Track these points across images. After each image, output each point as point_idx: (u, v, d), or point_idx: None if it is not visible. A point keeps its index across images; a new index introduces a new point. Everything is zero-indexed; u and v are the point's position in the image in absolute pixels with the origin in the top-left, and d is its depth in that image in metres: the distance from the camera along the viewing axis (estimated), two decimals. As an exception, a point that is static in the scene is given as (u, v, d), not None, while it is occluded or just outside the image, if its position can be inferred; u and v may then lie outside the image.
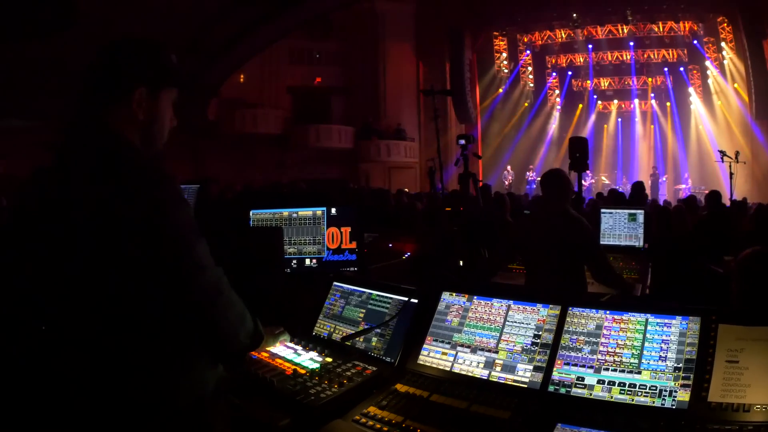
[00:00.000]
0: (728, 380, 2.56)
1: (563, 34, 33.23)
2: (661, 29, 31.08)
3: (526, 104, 35.71)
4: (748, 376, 2.54)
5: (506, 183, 31.48)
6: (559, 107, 35.46)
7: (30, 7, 17.28)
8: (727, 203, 14.07)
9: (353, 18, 32.33)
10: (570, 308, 3.11)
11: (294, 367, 3.33)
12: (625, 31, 31.43)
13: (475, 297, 3.42)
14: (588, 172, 30.79)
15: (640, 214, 8.21)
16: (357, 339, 3.65)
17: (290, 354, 3.52)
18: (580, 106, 34.48)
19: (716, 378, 2.59)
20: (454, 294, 3.51)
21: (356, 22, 32.55)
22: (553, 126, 35.14)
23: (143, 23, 18.44)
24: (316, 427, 2.81)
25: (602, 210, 8.44)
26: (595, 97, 34.28)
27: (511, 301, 3.29)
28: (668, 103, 32.17)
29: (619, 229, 8.20)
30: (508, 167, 32.77)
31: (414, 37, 33.49)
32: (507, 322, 3.23)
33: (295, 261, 5.07)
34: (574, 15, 30.42)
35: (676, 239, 8.83)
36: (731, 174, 15.22)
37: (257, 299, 4.21)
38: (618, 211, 8.37)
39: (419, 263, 8.12)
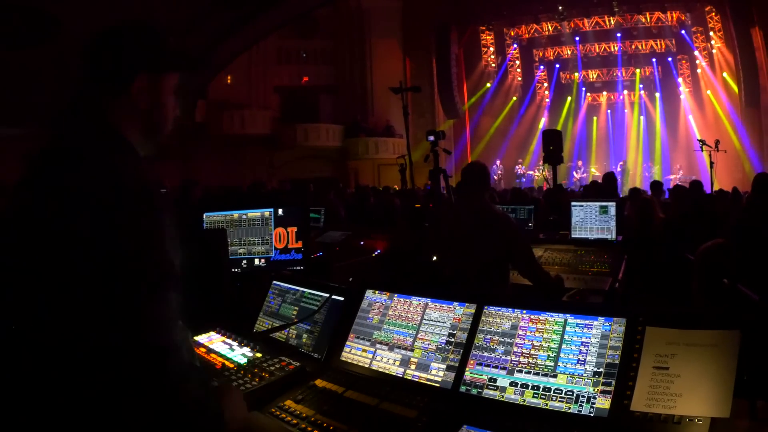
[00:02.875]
0: (655, 388, 2.40)
1: (550, 27, 33.29)
2: (649, 20, 31.10)
3: (515, 98, 35.65)
4: (680, 384, 2.36)
5: (496, 178, 31.49)
6: (548, 100, 35.39)
7: (11, 18, 17.31)
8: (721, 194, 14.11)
9: (339, 16, 32.42)
10: (486, 307, 3.05)
11: (224, 361, 3.43)
12: (612, 22, 31.44)
13: (396, 295, 3.42)
14: (580, 164, 31.01)
15: (612, 206, 8.13)
16: (290, 335, 3.73)
17: (225, 349, 3.62)
18: (569, 98, 34.42)
19: (641, 385, 2.43)
20: (376, 292, 3.52)
21: (342, 19, 32.63)
22: (543, 119, 34.99)
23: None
24: None
25: (572, 203, 8.35)
26: (584, 89, 34.25)
27: (429, 299, 3.27)
28: (657, 94, 32.10)
29: (591, 221, 8.12)
30: (498, 162, 32.76)
31: (400, 34, 33.53)
32: (424, 321, 3.22)
33: (245, 261, 5.12)
34: (560, 8, 30.43)
35: (654, 231, 8.78)
36: (711, 163, 15.25)
37: (203, 299, 4.28)
38: (589, 203, 8.30)
39: (390, 260, 8.13)
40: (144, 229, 2.00)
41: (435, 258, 7.06)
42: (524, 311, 2.93)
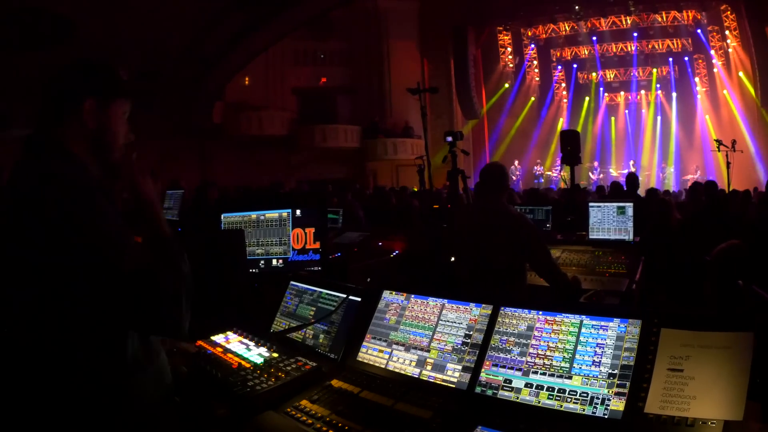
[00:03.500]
0: (669, 390, 2.38)
1: (567, 27, 33.10)
2: (665, 19, 30.88)
3: (534, 98, 35.45)
4: (694, 386, 2.34)
5: (514, 178, 31.42)
6: (566, 100, 35.13)
7: (27, 20, 17.42)
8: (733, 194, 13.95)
9: (356, 17, 32.38)
10: (502, 308, 3.05)
11: (241, 361, 3.46)
12: (629, 22, 31.30)
13: (413, 296, 3.45)
14: (596, 165, 30.88)
15: (629, 207, 8.06)
16: (307, 336, 3.79)
17: (242, 349, 3.65)
18: (587, 98, 34.21)
19: (655, 387, 2.42)
20: (393, 293, 3.55)
21: (359, 21, 32.60)
22: (562, 120, 34.77)
23: (140, 32, 18.52)
24: (250, 417, 2.94)
25: (590, 204, 8.28)
26: (602, 89, 34.05)
27: (446, 300, 3.29)
28: (674, 94, 31.86)
29: (608, 222, 8.05)
30: (516, 162, 32.69)
31: (417, 35, 33.51)
32: (440, 321, 3.24)
33: (263, 261, 5.16)
34: (576, 7, 30.31)
35: (672, 231, 8.71)
36: (728, 164, 15.14)
37: (221, 298, 4.33)
38: (606, 204, 8.23)
39: (407, 261, 8.15)
40: (90, 221, 2.34)
41: (453, 259, 7.02)
42: (540, 312, 2.93)
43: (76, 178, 2.44)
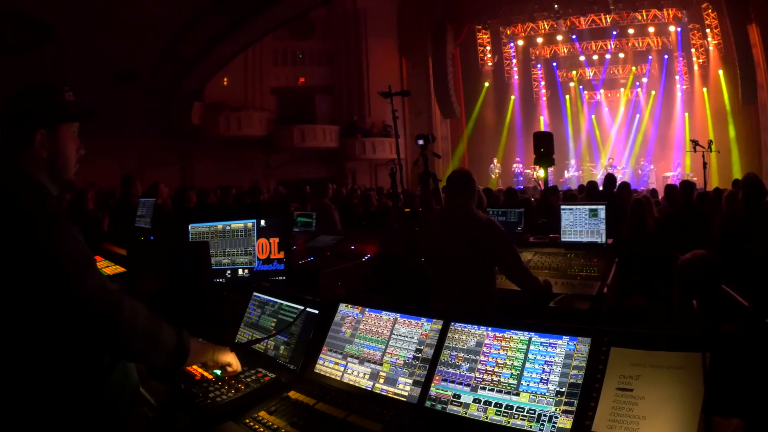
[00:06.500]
0: (618, 410, 2.36)
1: (546, 26, 33.20)
2: (645, 17, 31.00)
3: (513, 97, 35.43)
4: (644, 407, 2.32)
5: (493, 176, 31.53)
6: (545, 99, 35.32)
7: (4, 25, 17.38)
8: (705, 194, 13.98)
9: (335, 16, 32.51)
10: (452, 323, 3.08)
11: (203, 372, 3.48)
12: (608, 20, 31.36)
13: (368, 309, 3.48)
14: (573, 163, 30.97)
15: (601, 209, 8.00)
16: (269, 347, 3.82)
17: None
18: (567, 97, 34.34)
19: (604, 406, 2.41)
20: (349, 305, 3.58)
21: (338, 20, 32.72)
22: (541, 118, 34.84)
23: (117, 36, 18.45)
24: (210, 428, 2.99)
25: (562, 206, 8.25)
26: (581, 87, 34.16)
27: (398, 314, 3.33)
28: (653, 92, 32.04)
29: (580, 225, 8.02)
30: (495, 160, 32.78)
31: (396, 34, 33.59)
32: (393, 335, 3.27)
33: (229, 271, 5.16)
34: (556, 6, 30.37)
35: (647, 233, 8.68)
36: (704, 164, 15.17)
37: (186, 310, 4.34)
38: (578, 206, 8.21)
39: (379, 264, 8.15)
40: (59, 237, 2.53)
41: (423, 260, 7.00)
42: (489, 329, 2.96)
43: (39, 203, 2.58)
